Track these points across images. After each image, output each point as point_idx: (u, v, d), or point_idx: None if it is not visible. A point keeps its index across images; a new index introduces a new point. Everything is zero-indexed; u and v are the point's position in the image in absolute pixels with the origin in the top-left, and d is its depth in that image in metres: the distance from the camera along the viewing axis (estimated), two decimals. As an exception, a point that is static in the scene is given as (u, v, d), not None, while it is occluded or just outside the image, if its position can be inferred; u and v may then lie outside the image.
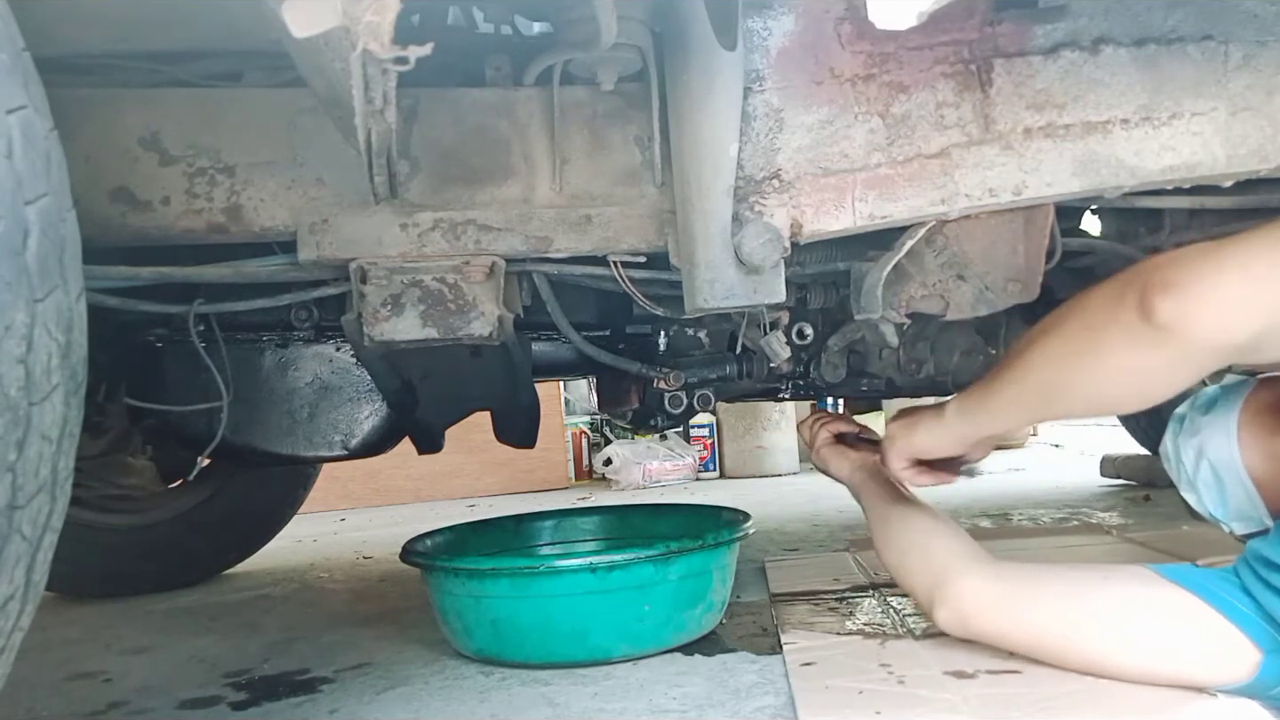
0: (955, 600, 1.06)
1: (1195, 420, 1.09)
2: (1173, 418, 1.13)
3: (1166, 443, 1.14)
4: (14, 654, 0.68)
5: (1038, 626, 1.02)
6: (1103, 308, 0.89)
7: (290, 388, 1.55)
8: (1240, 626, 0.92)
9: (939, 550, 1.12)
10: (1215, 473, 1.06)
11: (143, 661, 1.50)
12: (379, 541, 2.67)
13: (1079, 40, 1.09)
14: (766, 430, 4.07)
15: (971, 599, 1.05)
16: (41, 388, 0.63)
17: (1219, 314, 0.80)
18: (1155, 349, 0.84)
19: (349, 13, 0.57)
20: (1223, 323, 0.80)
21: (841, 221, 1.10)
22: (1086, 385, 0.93)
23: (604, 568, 1.24)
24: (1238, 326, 0.80)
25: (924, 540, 1.15)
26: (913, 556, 1.15)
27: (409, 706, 1.16)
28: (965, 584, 1.06)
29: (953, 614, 1.07)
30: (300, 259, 1.09)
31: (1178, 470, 1.12)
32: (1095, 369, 0.90)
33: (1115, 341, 0.87)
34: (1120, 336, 0.86)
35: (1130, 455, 2.93)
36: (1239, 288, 0.79)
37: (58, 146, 0.68)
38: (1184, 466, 1.10)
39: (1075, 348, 0.92)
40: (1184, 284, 0.81)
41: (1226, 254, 0.81)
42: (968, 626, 1.07)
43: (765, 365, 1.51)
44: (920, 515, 1.20)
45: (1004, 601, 1.04)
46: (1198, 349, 0.82)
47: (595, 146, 1.14)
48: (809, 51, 1.09)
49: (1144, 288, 0.83)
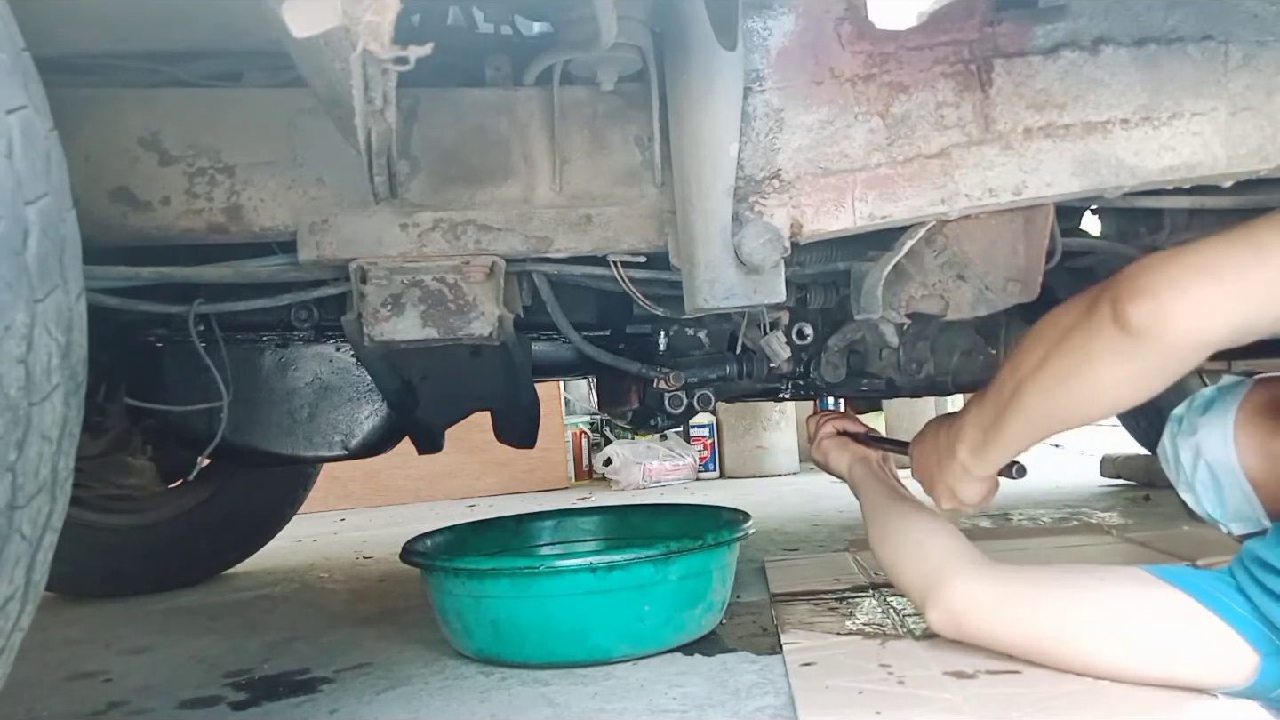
0: (948, 602, 1.06)
1: (1192, 421, 1.09)
2: (1170, 418, 1.13)
3: (1164, 443, 1.14)
4: (14, 654, 0.68)
5: (1031, 630, 1.02)
6: (1079, 325, 0.91)
7: (290, 388, 1.56)
8: (1237, 629, 0.91)
9: (933, 550, 1.12)
10: (1212, 473, 1.06)
11: (143, 661, 1.50)
12: (379, 541, 2.67)
13: (1079, 40, 1.09)
14: (766, 430, 4.07)
15: (964, 601, 1.05)
16: (41, 388, 0.63)
17: (1190, 315, 0.81)
18: (1136, 356, 0.86)
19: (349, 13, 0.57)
20: (1196, 323, 0.82)
21: (841, 221, 1.10)
22: (1083, 404, 0.94)
23: (604, 568, 1.24)
24: (1212, 325, 0.81)
25: (919, 540, 1.15)
26: (907, 556, 1.16)
27: (409, 706, 1.16)
28: (958, 586, 1.06)
29: (945, 615, 1.07)
30: (300, 259, 1.09)
31: (1175, 471, 1.12)
32: (1087, 388, 0.92)
33: (1098, 357, 0.89)
34: (1102, 351, 0.88)
35: (1130, 455, 2.93)
36: (1209, 288, 0.81)
37: (58, 146, 0.68)
38: (1182, 467, 1.10)
39: (1063, 372, 0.93)
40: (1153, 289, 0.83)
41: (1194, 256, 0.83)
42: (960, 628, 1.07)
43: (765, 365, 1.51)
44: (917, 515, 1.20)
45: (997, 604, 1.04)
46: (1177, 349, 0.84)
47: (595, 146, 1.14)
48: (809, 51, 1.09)
49: (1115, 298, 0.85)
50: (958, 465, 1.13)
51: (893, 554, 1.19)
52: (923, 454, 1.22)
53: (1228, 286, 0.81)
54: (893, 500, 1.25)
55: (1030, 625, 1.02)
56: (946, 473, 1.16)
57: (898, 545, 1.18)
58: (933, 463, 1.18)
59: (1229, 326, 0.81)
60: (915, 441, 1.25)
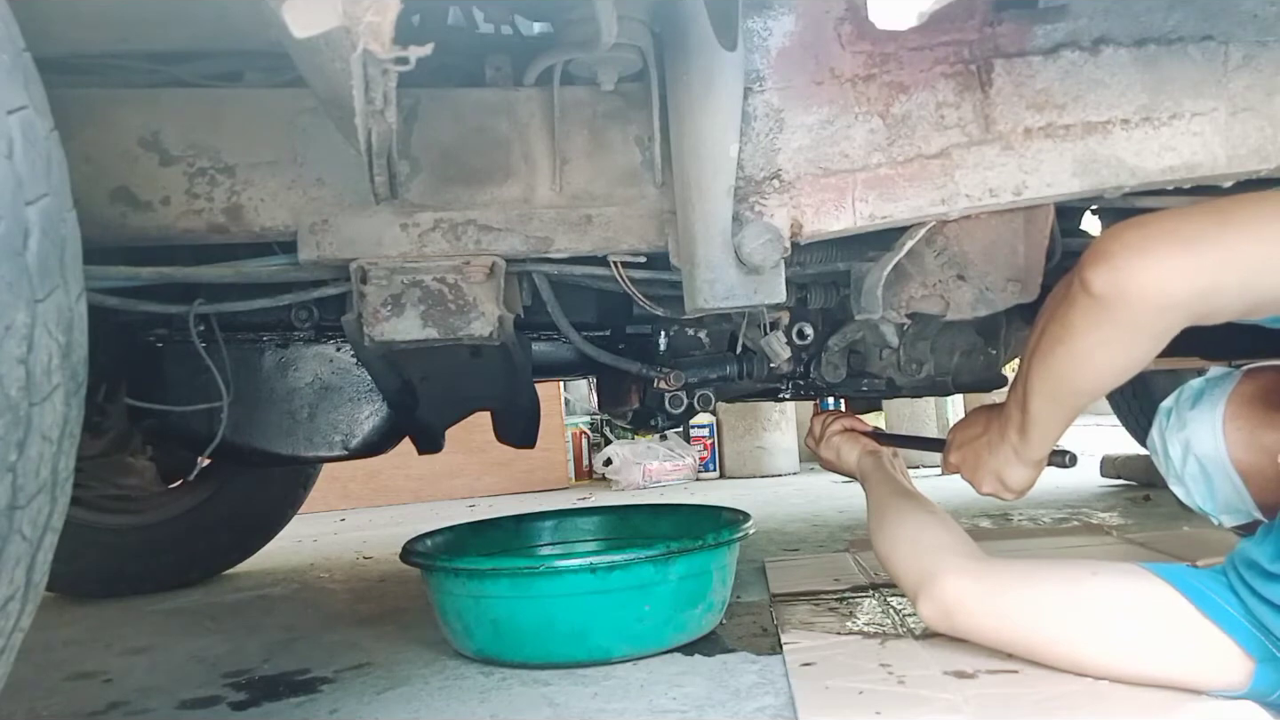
0: (940, 596, 1.06)
1: (1181, 415, 1.09)
2: (1159, 411, 1.13)
3: (1153, 436, 1.14)
4: (14, 654, 0.68)
5: (1021, 624, 1.02)
6: (1059, 297, 0.94)
7: (290, 388, 1.55)
8: (1232, 635, 0.90)
9: (929, 544, 1.12)
10: (1202, 467, 1.07)
11: (143, 661, 1.50)
12: (379, 541, 2.67)
13: (1079, 40, 1.09)
14: (766, 430, 4.07)
15: (955, 595, 1.05)
16: (42, 388, 0.63)
17: (1147, 273, 0.83)
18: (1105, 320, 0.88)
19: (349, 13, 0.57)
20: (1153, 282, 0.83)
21: (842, 221, 1.10)
22: (1075, 374, 0.96)
23: (604, 568, 1.24)
24: (1171, 284, 0.83)
25: (915, 534, 1.15)
26: (903, 548, 1.16)
27: (409, 706, 1.16)
28: (950, 580, 1.06)
29: (937, 609, 1.07)
30: (300, 259, 1.09)
31: (1165, 464, 1.12)
32: (1072, 358, 0.94)
33: (1077, 325, 0.91)
34: (1078, 319, 0.91)
35: (1130, 455, 2.93)
36: (1165, 248, 0.83)
37: (58, 147, 0.68)
38: (1171, 461, 1.10)
39: (1051, 343, 0.96)
40: (1110, 252, 0.86)
41: (1154, 223, 0.86)
42: (952, 622, 1.06)
43: (765, 365, 1.51)
44: (917, 508, 1.20)
45: (988, 599, 1.04)
46: (1141, 312, 0.85)
47: (595, 146, 1.14)
48: (809, 51, 1.09)
49: (1081, 264, 0.88)
50: (1008, 448, 1.14)
51: (889, 545, 1.19)
52: (968, 439, 1.23)
53: (1186, 246, 0.83)
54: (898, 494, 1.26)
55: (1020, 620, 1.02)
56: (996, 456, 1.17)
57: (895, 537, 1.19)
58: (981, 446, 1.19)
59: (1190, 287, 0.83)
60: (958, 429, 1.26)
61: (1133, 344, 0.89)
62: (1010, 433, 1.13)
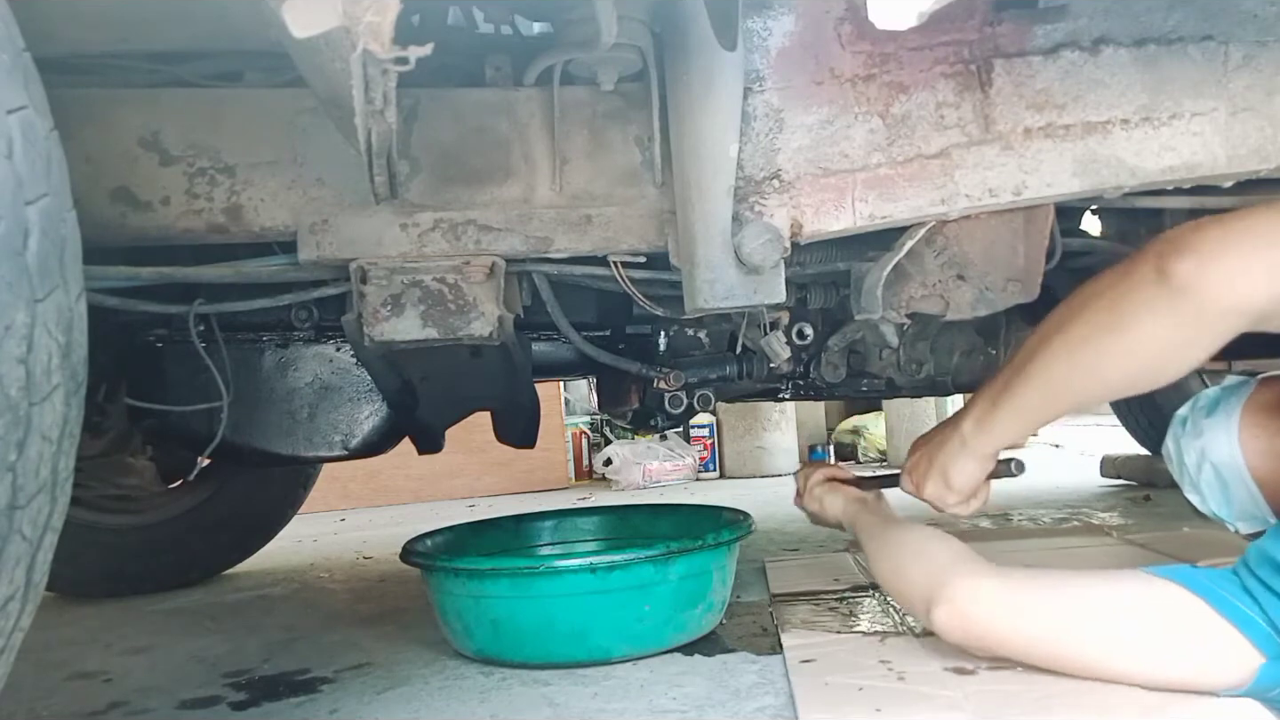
0: (956, 599, 1.03)
1: (1197, 422, 1.09)
2: (1174, 419, 1.13)
3: (1169, 444, 1.13)
4: (14, 654, 0.68)
5: (1037, 629, 1.01)
6: (1117, 284, 0.92)
7: (290, 388, 1.55)
8: (1242, 630, 0.90)
9: (939, 554, 1.11)
10: (1218, 474, 1.06)
11: (143, 661, 1.49)
12: (379, 541, 2.67)
13: (1079, 40, 1.09)
14: (766, 430, 4.07)
15: (970, 597, 1.03)
16: (42, 388, 0.63)
17: (1233, 273, 0.83)
18: (1172, 313, 0.87)
19: (349, 13, 0.57)
20: (1237, 282, 0.83)
21: (841, 221, 1.10)
22: (1113, 362, 0.94)
23: (604, 568, 1.24)
24: (1253, 287, 0.83)
25: (921, 548, 1.14)
26: (909, 565, 1.13)
27: (409, 706, 1.16)
28: (966, 583, 1.04)
29: (954, 613, 1.03)
30: (300, 259, 1.09)
31: (1181, 472, 1.12)
32: (1120, 343, 0.92)
33: (1137, 311, 0.89)
34: (1141, 305, 0.89)
35: (1130, 455, 2.93)
36: (1252, 249, 0.83)
37: (58, 147, 0.68)
38: (1186, 469, 1.10)
39: (1097, 328, 0.93)
40: (1198, 247, 0.85)
41: (1240, 221, 0.85)
42: (967, 626, 1.04)
43: (765, 365, 1.51)
44: (916, 529, 1.19)
45: (1005, 602, 1.02)
46: (1215, 309, 0.85)
47: (595, 146, 1.14)
48: (809, 51, 1.09)
49: (1160, 254, 0.87)
50: (957, 439, 1.13)
51: (894, 565, 1.17)
52: (918, 448, 1.22)
53: (1272, 247, 0.83)
54: (892, 523, 1.24)
55: (1036, 625, 1.00)
56: (943, 450, 1.16)
57: (899, 556, 1.16)
58: (934, 446, 1.18)
59: (1269, 293, 0.83)
60: (911, 450, 1.25)
61: (1193, 340, 0.88)
62: (964, 423, 1.12)
